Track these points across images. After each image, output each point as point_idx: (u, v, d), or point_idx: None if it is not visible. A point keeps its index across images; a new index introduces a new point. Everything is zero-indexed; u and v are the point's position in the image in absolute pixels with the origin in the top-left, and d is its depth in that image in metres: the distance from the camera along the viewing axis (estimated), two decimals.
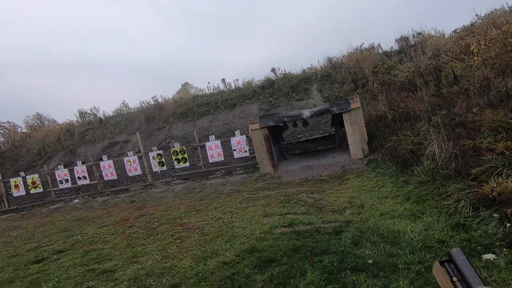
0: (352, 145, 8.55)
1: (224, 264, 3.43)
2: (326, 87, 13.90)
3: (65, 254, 5.03)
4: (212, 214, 5.78)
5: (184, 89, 28.67)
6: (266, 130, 9.12)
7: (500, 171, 3.35)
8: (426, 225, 3.37)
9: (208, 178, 10.40)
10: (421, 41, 13.60)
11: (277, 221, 4.54)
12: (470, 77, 6.14)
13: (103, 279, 3.73)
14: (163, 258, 4.04)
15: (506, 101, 4.24)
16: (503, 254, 2.38)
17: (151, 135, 14.87)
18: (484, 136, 3.85)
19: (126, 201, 9.33)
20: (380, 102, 9.29)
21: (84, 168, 11.78)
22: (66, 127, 17.57)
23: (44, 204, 12.02)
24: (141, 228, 5.79)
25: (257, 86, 15.59)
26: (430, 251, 2.84)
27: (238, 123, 13.57)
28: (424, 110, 6.89)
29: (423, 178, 4.74)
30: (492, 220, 2.86)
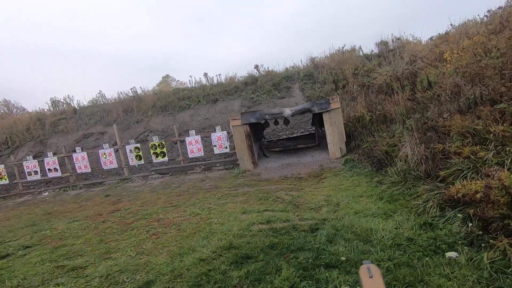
0: (330, 145, 8.74)
1: (200, 261, 3.41)
2: (308, 86, 14.09)
3: (32, 250, 4.80)
4: (190, 210, 5.72)
5: (165, 81, 28.00)
6: (247, 127, 9.12)
7: (465, 174, 3.57)
8: (397, 224, 3.52)
9: (187, 174, 10.27)
10: (399, 46, 14.10)
11: (255, 218, 4.57)
12: (443, 83, 6.46)
13: (73, 275, 3.60)
14: (137, 254, 3.96)
15: (473, 108, 4.51)
16: (464, 252, 2.55)
17: (128, 128, 14.42)
18: (453, 141, 4.08)
19: (100, 195, 9.02)
20: (359, 104, 9.56)
21: (55, 159, 11.25)
22: (37, 116, 16.65)
23: (10, 197, 11.37)
24: (115, 224, 5.63)
25: (240, 82, 15.53)
26: (399, 249, 2.97)
27: (219, 119, 13.46)
28: (400, 113, 7.17)
29: (396, 178, 4.94)
30: (456, 220, 3.04)
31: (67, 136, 14.81)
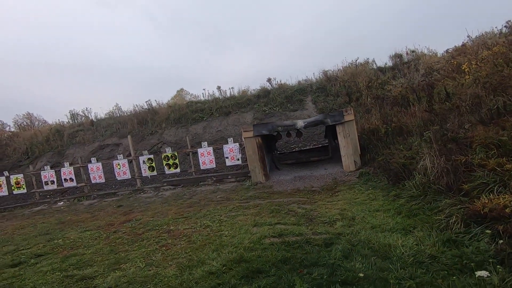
0: (344, 157, 8.55)
1: (210, 274, 3.30)
2: (320, 99, 14.02)
3: (44, 259, 4.81)
4: (201, 221, 5.63)
5: (179, 95, 28.61)
6: (259, 139, 9.07)
7: (491, 187, 3.35)
8: (418, 240, 3.32)
9: (199, 185, 10.24)
10: (414, 58, 13.91)
11: (267, 231, 4.43)
12: (462, 94, 6.25)
13: (82, 286, 3.55)
14: (146, 265, 3.88)
15: (496, 119, 4.30)
16: (496, 271, 2.34)
17: (143, 139, 14.67)
18: (476, 152, 3.87)
19: (113, 206, 9.08)
20: (373, 116, 9.38)
21: (71, 169, 11.49)
22: (56, 128, 17.23)
23: (27, 206, 11.62)
24: (126, 234, 5.60)
25: (252, 95, 15.64)
26: (421, 267, 2.77)
27: (231, 131, 13.51)
28: (417, 125, 6.95)
29: (415, 192, 4.72)
30: (484, 237, 2.82)
31: (83, 147, 15.19)
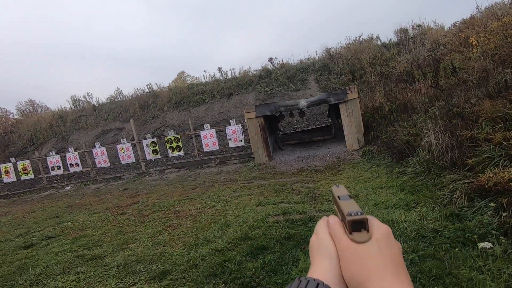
0: (348, 136, 8.49)
1: (216, 251, 3.38)
2: (323, 77, 13.76)
3: (55, 240, 4.95)
4: (206, 202, 5.71)
5: (180, 77, 28.25)
6: (262, 120, 9.01)
7: (496, 161, 3.32)
8: (421, 215, 3.34)
9: (203, 167, 10.32)
10: (420, 33, 13.46)
11: (271, 210, 4.48)
12: (469, 68, 6.06)
13: (92, 265, 3.66)
14: (154, 244, 3.98)
15: (504, 92, 4.19)
16: (499, 242, 2.35)
17: (145, 123, 14.67)
18: (482, 127, 3.80)
19: (119, 189, 9.23)
20: (377, 94, 9.21)
21: (76, 155, 11.60)
22: (59, 114, 17.25)
23: (35, 191, 11.86)
24: (133, 215, 5.72)
25: (254, 75, 15.39)
26: (424, 241, 2.80)
27: (233, 113, 13.42)
28: (421, 102, 6.82)
29: (418, 169, 4.70)
30: (488, 210, 2.82)
31: (87, 132, 15.26)
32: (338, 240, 0.43)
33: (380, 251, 0.39)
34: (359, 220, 0.41)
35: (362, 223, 0.41)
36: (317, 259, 0.44)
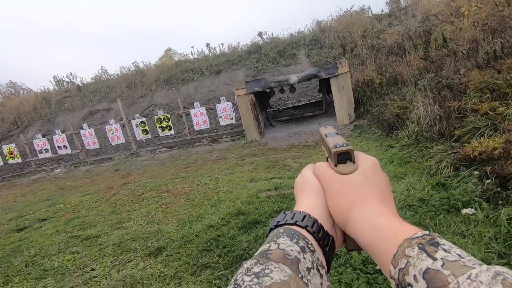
0: (338, 111, 8.50)
1: (209, 227, 3.44)
2: (314, 52, 13.51)
3: (48, 222, 4.95)
4: (198, 180, 5.74)
5: (167, 55, 27.33)
6: (252, 96, 8.89)
7: (482, 131, 3.38)
8: (408, 186, 3.43)
9: (194, 146, 10.27)
10: (412, 3, 13.18)
11: (263, 186, 4.54)
12: (459, 39, 6.02)
13: (87, 244, 3.70)
14: (148, 223, 4.02)
15: (493, 62, 4.20)
16: (481, 208, 2.45)
17: (133, 103, 14.32)
18: (470, 98, 3.84)
19: (110, 170, 9.16)
20: (368, 67, 9.13)
21: (63, 137, 11.35)
22: (42, 95, 16.64)
23: (25, 175, 11.69)
24: (125, 196, 5.73)
25: (243, 51, 14.99)
26: (411, 209, 2.90)
27: (224, 90, 13.19)
28: (412, 74, 6.81)
29: (407, 141, 4.78)
30: (472, 178, 2.92)
31: (73, 114, 14.85)
32: (322, 176, 0.42)
33: (366, 180, 0.38)
34: (345, 151, 0.40)
35: (347, 154, 0.40)
36: (302, 196, 0.43)
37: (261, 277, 0.27)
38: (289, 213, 0.39)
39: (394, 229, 0.33)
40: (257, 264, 0.29)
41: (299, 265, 0.30)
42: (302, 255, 0.32)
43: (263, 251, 0.32)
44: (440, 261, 0.26)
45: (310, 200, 0.41)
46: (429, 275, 0.25)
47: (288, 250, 0.31)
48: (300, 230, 0.36)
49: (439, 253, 0.27)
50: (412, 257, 0.28)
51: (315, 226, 0.37)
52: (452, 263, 0.25)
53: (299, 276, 0.29)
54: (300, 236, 0.34)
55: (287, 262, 0.30)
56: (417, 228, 0.32)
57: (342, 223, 0.38)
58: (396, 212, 0.37)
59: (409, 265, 0.28)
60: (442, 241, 0.29)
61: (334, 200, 0.39)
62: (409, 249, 0.29)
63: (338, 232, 0.40)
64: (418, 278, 0.26)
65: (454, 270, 0.24)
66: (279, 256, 0.31)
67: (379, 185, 0.38)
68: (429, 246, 0.28)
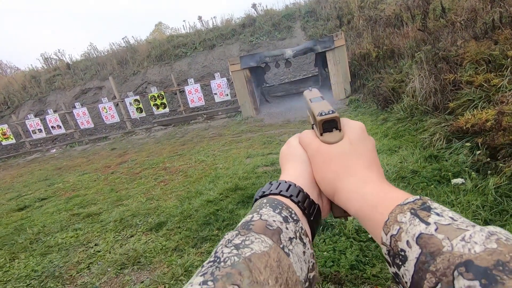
0: (334, 86, 8.43)
1: (208, 202, 3.52)
2: (310, 24, 13.11)
3: (48, 201, 5.02)
4: (195, 157, 5.78)
5: (158, 29, 26.38)
6: (247, 72, 8.74)
7: (476, 103, 3.41)
8: (402, 158, 3.50)
9: (190, 123, 10.23)
10: None
11: (260, 161, 4.60)
12: (458, 9, 5.87)
13: (89, 221, 3.79)
14: (147, 200, 4.10)
15: (491, 33, 4.14)
16: (470, 178, 2.54)
17: (125, 80, 14.01)
18: (466, 70, 3.83)
19: (107, 149, 9.15)
20: (365, 40, 8.94)
21: (56, 116, 11.19)
22: (31, 74, 16.16)
23: (20, 155, 11.64)
24: (123, 174, 5.77)
25: (237, 24, 14.49)
26: (403, 181, 2.99)
27: (218, 66, 12.91)
28: (409, 47, 6.70)
29: (402, 114, 4.81)
30: (463, 150, 2.99)
31: (64, 93, 14.53)
32: (308, 145, 0.41)
33: (353, 148, 0.37)
34: (330, 119, 0.38)
35: (333, 121, 0.38)
36: (288, 165, 0.42)
37: (240, 249, 0.27)
38: (275, 183, 0.38)
39: (382, 195, 0.33)
40: (238, 235, 0.29)
41: (280, 235, 0.30)
42: (285, 225, 0.32)
43: (245, 222, 0.32)
44: (434, 225, 0.26)
45: (296, 170, 0.40)
46: (422, 240, 0.25)
47: (270, 221, 0.31)
48: (284, 200, 0.35)
49: (432, 218, 0.26)
50: (405, 223, 0.28)
51: (300, 195, 0.36)
52: (445, 226, 0.25)
53: (280, 247, 0.29)
54: (283, 206, 0.34)
55: (268, 232, 0.30)
56: (406, 192, 0.32)
57: (330, 193, 0.38)
58: (383, 177, 0.37)
59: (401, 231, 0.27)
60: (434, 204, 0.28)
61: (320, 170, 0.38)
62: (401, 215, 0.28)
63: (324, 200, 0.40)
64: (411, 243, 0.26)
65: (448, 233, 0.24)
66: (261, 227, 0.30)
67: (366, 152, 0.38)
68: (421, 211, 0.27)
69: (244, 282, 0.24)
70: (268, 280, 0.25)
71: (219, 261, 0.26)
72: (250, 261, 0.26)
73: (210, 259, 0.27)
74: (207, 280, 0.24)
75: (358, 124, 0.41)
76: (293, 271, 0.29)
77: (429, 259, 0.24)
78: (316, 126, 0.40)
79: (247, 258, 0.26)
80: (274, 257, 0.27)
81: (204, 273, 0.25)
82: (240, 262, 0.25)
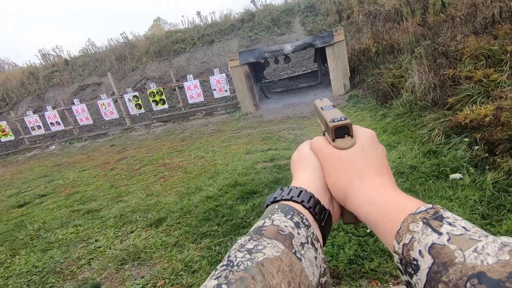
0: (334, 81, 8.41)
1: (207, 198, 3.54)
2: (309, 19, 13.04)
3: (48, 198, 5.03)
4: (195, 153, 5.79)
5: (157, 24, 26.19)
6: (246, 68, 8.71)
7: (475, 99, 3.41)
8: (400, 154, 3.52)
9: (189, 120, 10.22)
10: None
11: (259, 157, 4.61)
12: (458, 3, 5.84)
13: (89, 217, 3.80)
14: (147, 196, 4.11)
15: (490, 28, 4.12)
16: (469, 173, 2.55)
17: (124, 76, 13.95)
18: (465, 65, 3.82)
19: (106, 145, 9.15)
20: (365, 35, 8.91)
21: (55, 113, 11.16)
22: (29, 70, 16.06)
23: (19, 152, 11.63)
24: (123, 170, 5.78)
25: (236, 19, 14.40)
26: (402, 176, 3.00)
27: (217, 61, 12.85)
28: (408, 42, 6.68)
29: (401, 110, 4.82)
30: (462, 145, 3.00)
31: (63, 89, 14.47)
32: (320, 150, 0.41)
33: (364, 154, 0.38)
34: (343, 125, 0.38)
35: (345, 128, 0.38)
36: (299, 171, 0.42)
37: (253, 253, 0.27)
38: (286, 189, 0.38)
39: (394, 203, 0.33)
40: (251, 240, 0.29)
41: (292, 240, 0.31)
42: (296, 230, 0.32)
43: (257, 228, 0.32)
44: (446, 235, 0.25)
45: (307, 175, 0.41)
46: (435, 250, 0.25)
47: (282, 226, 0.32)
48: (295, 205, 0.35)
49: (444, 227, 0.26)
50: (417, 233, 0.27)
51: (312, 201, 0.36)
52: (458, 237, 0.25)
53: (292, 251, 0.29)
54: (295, 211, 0.34)
55: (280, 238, 0.30)
56: (418, 200, 0.32)
57: (341, 198, 0.38)
58: (394, 183, 0.37)
59: (413, 240, 0.27)
60: (446, 213, 0.28)
61: (332, 176, 0.39)
62: (413, 224, 0.28)
63: (335, 206, 0.40)
64: (423, 253, 0.26)
65: (461, 244, 0.24)
66: (273, 232, 0.31)
67: (377, 158, 0.38)
68: (434, 221, 0.27)
69: (257, 286, 0.24)
70: (281, 284, 0.26)
71: (232, 265, 0.26)
72: (262, 266, 0.26)
73: (223, 263, 0.27)
74: (221, 284, 0.24)
75: (370, 131, 0.41)
76: (306, 276, 0.29)
77: (441, 270, 0.24)
78: (328, 133, 0.40)
79: (260, 263, 0.26)
80: (287, 262, 0.28)
81: (218, 276, 0.25)
82: (253, 267, 0.26)
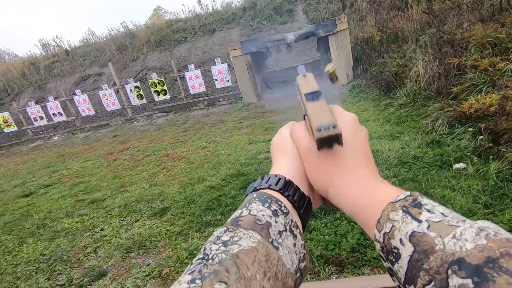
0: (336, 71, 8.31)
1: (211, 188, 3.56)
2: (312, 7, 12.81)
3: (52, 188, 5.08)
4: (197, 144, 5.80)
5: (157, 13, 25.82)
6: (248, 57, 8.62)
7: (480, 88, 3.37)
8: (404, 144, 3.51)
9: (191, 110, 10.20)
10: None
11: (261, 147, 4.62)
12: None
13: (94, 207, 3.85)
14: (151, 186, 4.15)
15: (498, 15, 4.03)
16: (472, 163, 2.55)
17: (125, 67, 13.86)
18: (471, 54, 3.76)
19: (109, 136, 9.18)
20: (368, 23, 8.75)
21: (57, 104, 11.16)
22: (29, 60, 15.98)
23: (23, 143, 11.70)
24: (126, 160, 5.82)
25: (237, 8, 14.16)
26: (405, 166, 3.00)
27: (218, 51, 12.72)
28: (413, 30, 6.56)
29: (405, 100, 4.77)
30: (466, 135, 2.98)
31: (64, 80, 14.42)
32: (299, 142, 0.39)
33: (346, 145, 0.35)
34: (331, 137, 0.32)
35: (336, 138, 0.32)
36: (279, 158, 0.41)
37: (229, 245, 0.27)
38: (265, 177, 0.38)
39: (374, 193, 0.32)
40: (227, 232, 0.29)
41: (269, 229, 0.30)
42: (274, 218, 0.32)
43: (234, 218, 0.31)
44: (426, 223, 0.26)
45: (286, 162, 0.39)
46: (415, 238, 0.26)
47: (259, 216, 0.31)
48: (273, 193, 0.35)
49: (423, 215, 0.27)
50: (397, 221, 0.28)
51: (291, 189, 0.36)
52: (437, 224, 0.25)
53: (268, 241, 0.29)
54: (273, 199, 0.34)
55: (257, 228, 0.30)
56: (398, 188, 0.32)
57: (323, 192, 0.38)
58: (375, 171, 0.36)
59: (394, 229, 0.28)
60: (424, 200, 0.28)
61: (313, 172, 0.37)
62: (393, 213, 0.28)
63: (315, 192, 0.39)
64: (404, 241, 0.26)
65: (440, 231, 0.25)
66: (249, 222, 0.30)
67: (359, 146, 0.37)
68: (413, 208, 0.27)
69: (231, 279, 0.24)
70: (256, 275, 0.26)
71: (207, 258, 0.26)
72: (237, 258, 0.26)
73: (199, 256, 0.27)
74: (195, 279, 0.24)
75: (351, 116, 0.39)
76: (283, 264, 0.29)
77: (422, 257, 0.25)
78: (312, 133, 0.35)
79: (235, 255, 0.26)
80: (263, 252, 0.28)
81: (192, 271, 0.25)
82: (228, 259, 0.26)
